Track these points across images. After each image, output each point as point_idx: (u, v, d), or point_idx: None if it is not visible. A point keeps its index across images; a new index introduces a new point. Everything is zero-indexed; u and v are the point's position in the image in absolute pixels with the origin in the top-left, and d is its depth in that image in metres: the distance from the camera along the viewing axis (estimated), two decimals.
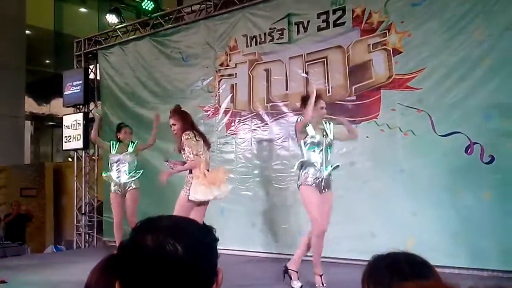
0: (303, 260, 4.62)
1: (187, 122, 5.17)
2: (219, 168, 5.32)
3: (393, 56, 5.57)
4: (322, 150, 4.43)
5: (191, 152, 4.96)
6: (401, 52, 5.54)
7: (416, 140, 5.37)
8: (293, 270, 4.52)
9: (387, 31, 5.64)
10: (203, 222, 1.03)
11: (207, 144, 5.24)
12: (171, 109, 5.35)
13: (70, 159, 11.92)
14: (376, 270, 1.23)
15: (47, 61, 15.81)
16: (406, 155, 5.44)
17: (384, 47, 5.65)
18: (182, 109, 5.36)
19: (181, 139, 5.02)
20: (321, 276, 4.47)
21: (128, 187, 6.28)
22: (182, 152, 5.07)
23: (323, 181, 4.42)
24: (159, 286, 0.90)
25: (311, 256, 4.53)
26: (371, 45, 5.74)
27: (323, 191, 4.42)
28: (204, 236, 0.98)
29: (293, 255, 6.14)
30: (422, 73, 5.38)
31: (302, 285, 4.47)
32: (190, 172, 5.05)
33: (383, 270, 1.21)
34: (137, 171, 6.37)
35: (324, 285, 4.43)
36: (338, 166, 4.54)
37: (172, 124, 5.21)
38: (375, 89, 5.65)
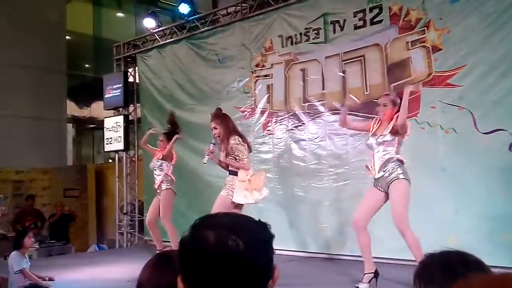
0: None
1: (229, 126, 5.24)
2: (260, 173, 5.35)
3: (432, 53, 5.49)
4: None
5: (244, 156, 5.11)
6: (440, 49, 5.45)
7: (458, 138, 5.28)
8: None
9: (425, 28, 5.56)
10: (259, 219, 1.06)
11: (250, 148, 5.36)
12: (212, 112, 5.40)
13: (110, 161, 12.21)
14: (427, 269, 1.24)
15: (87, 66, 16.22)
16: (447, 153, 5.35)
17: (423, 44, 5.57)
18: (223, 112, 5.41)
19: (227, 143, 5.09)
20: (365, 274, 4.44)
21: (163, 188, 6.38)
22: (229, 157, 5.15)
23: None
24: (221, 281, 0.93)
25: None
26: (409, 43, 5.67)
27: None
28: (263, 232, 1.02)
29: (332, 254, 6.18)
30: (462, 70, 5.28)
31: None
32: (233, 173, 5.14)
33: (435, 268, 1.21)
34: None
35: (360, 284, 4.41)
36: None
37: (214, 128, 5.25)
38: (414, 87, 5.57)
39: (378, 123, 4.52)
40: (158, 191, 6.42)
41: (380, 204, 4.43)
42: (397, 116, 4.33)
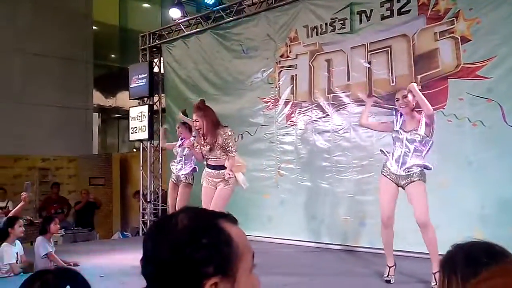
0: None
1: (213, 119, 5.13)
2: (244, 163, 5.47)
3: (461, 44, 5.37)
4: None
5: (234, 148, 5.10)
6: (469, 40, 5.32)
7: (486, 131, 5.16)
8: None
9: (454, 18, 5.44)
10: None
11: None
12: (195, 104, 5.37)
13: (135, 150, 12.36)
14: (452, 259, 1.22)
15: (113, 56, 16.41)
16: (474, 146, 5.25)
17: (452, 35, 5.45)
18: (206, 104, 5.30)
19: (214, 136, 5.05)
20: (390, 267, 4.42)
21: (181, 180, 6.38)
22: (217, 150, 5.11)
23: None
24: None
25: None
26: (437, 33, 5.56)
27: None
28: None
29: (353, 246, 6.14)
30: (492, 62, 5.15)
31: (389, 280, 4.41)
32: (221, 168, 5.13)
33: (460, 259, 1.19)
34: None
35: (389, 276, 4.38)
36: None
37: (195, 120, 5.13)
38: (442, 79, 5.47)
39: (401, 118, 4.43)
40: (175, 177, 6.45)
41: (397, 197, 4.41)
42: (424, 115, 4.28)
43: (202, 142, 5.18)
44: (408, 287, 4.27)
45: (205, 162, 5.37)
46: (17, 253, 5.34)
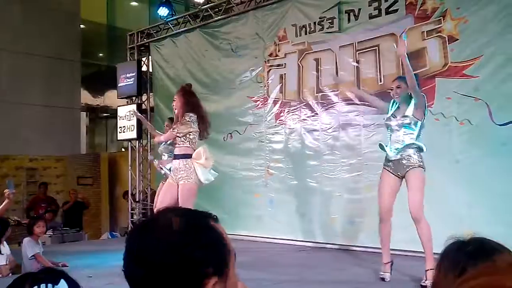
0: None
1: (188, 103, 4.87)
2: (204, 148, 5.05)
3: (448, 44, 5.40)
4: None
5: (179, 131, 4.80)
6: (457, 39, 5.36)
7: (473, 129, 5.21)
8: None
9: (442, 17, 5.47)
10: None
11: (201, 134, 5.01)
12: (181, 85, 5.27)
13: (123, 149, 12.29)
14: (450, 255, 1.22)
15: (101, 55, 16.30)
16: (462, 145, 5.29)
17: (439, 34, 5.48)
18: (190, 89, 5.10)
19: (181, 117, 4.81)
20: (385, 264, 4.42)
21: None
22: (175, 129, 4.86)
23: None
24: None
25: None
26: (425, 32, 5.59)
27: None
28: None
29: (342, 245, 6.16)
30: (479, 61, 5.19)
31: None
32: (184, 157, 4.82)
33: (458, 254, 1.19)
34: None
35: (384, 274, 4.40)
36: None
37: (173, 100, 5.01)
38: (430, 78, 5.51)
39: (395, 105, 4.46)
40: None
41: (397, 190, 4.39)
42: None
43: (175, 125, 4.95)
44: (399, 285, 4.29)
45: None
46: (5, 255, 5.28)
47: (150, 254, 0.92)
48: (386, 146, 4.41)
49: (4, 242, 5.37)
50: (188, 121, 4.80)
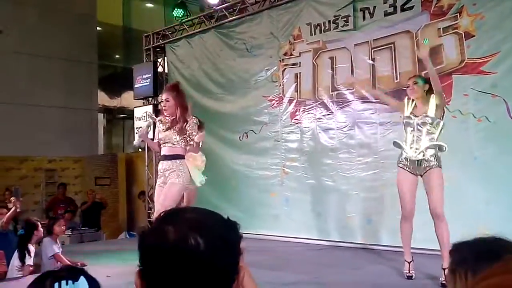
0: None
1: (186, 104, 4.77)
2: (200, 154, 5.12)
3: (465, 40, 5.35)
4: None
5: (194, 138, 4.70)
6: (473, 36, 5.31)
7: (490, 126, 5.15)
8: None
9: (458, 14, 5.42)
10: (228, 217, 0.99)
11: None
12: (168, 84, 5.17)
13: (140, 150, 12.39)
14: (463, 255, 1.21)
15: (117, 56, 16.45)
16: (479, 142, 5.24)
17: (456, 30, 5.43)
18: (180, 88, 4.97)
19: (183, 121, 4.65)
20: (409, 263, 4.39)
21: None
22: (177, 134, 4.67)
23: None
24: (179, 280, 0.89)
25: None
26: (441, 29, 5.54)
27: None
28: (228, 232, 0.96)
29: (359, 243, 6.14)
30: (496, 57, 5.14)
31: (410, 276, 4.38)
32: (176, 158, 4.69)
33: (470, 254, 1.19)
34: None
35: (411, 272, 4.37)
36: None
37: (166, 100, 4.71)
38: (446, 74, 5.46)
39: (412, 103, 4.41)
40: None
41: (416, 189, 4.37)
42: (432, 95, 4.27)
43: (163, 126, 4.76)
44: (417, 283, 4.26)
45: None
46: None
47: (210, 224, 0.94)
48: (405, 144, 4.36)
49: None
50: (196, 124, 4.73)
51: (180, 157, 4.70)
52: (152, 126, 5.21)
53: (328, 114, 6.68)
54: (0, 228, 5.31)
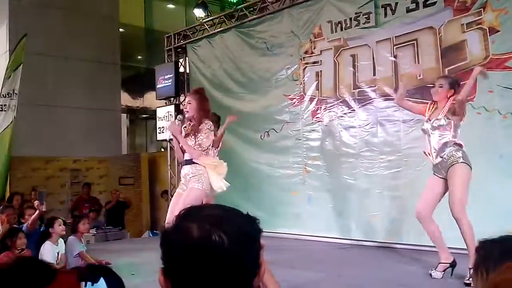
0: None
1: (207, 108, 4.69)
2: (221, 161, 4.94)
3: (489, 35, 5.26)
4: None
5: (206, 145, 4.58)
6: (498, 31, 5.21)
7: None
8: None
9: (482, 9, 5.33)
10: (247, 212, 1.00)
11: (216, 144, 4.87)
12: (193, 88, 5.07)
13: (163, 149, 12.50)
14: (487, 253, 1.20)
15: (139, 57, 16.62)
16: (505, 139, 5.14)
17: (480, 26, 5.34)
18: (204, 92, 4.89)
19: (199, 123, 4.57)
20: (439, 263, 4.33)
21: None
22: (193, 137, 4.58)
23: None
24: (203, 276, 0.89)
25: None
26: (465, 25, 5.45)
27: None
28: (250, 227, 0.96)
29: (382, 242, 6.08)
30: None
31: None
32: (196, 162, 4.59)
33: (495, 252, 1.17)
34: None
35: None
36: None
37: (188, 102, 4.65)
38: (471, 71, 5.35)
39: (433, 107, 4.40)
40: None
41: (442, 192, 4.30)
42: (453, 98, 4.23)
43: (184, 132, 4.66)
44: (442, 283, 4.20)
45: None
46: (58, 252, 5.44)
47: (232, 220, 0.95)
48: (428, 151, 4.37)
49: (61, 240, 5.52)
50: (209, 130, 4.60)
51: (191, 162, 4.61)
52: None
53: (349, 112, 6.63)
54: (26, 229, 5.40)
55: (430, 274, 4.28)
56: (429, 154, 4.35)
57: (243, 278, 0.92)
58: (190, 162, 4.63)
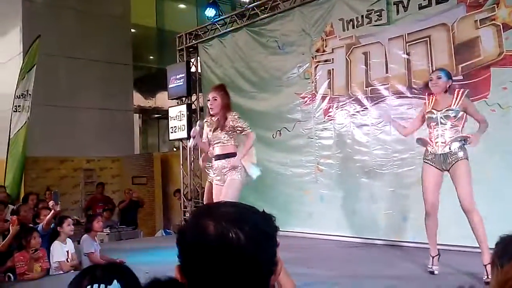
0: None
1: (228, 102, 4.90)
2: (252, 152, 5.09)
3: (503, 32, 5.19)
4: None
5: (246, 125, 4.82)
6: (511, 27, 5.15)
7: None
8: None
9: (495, 5, 5.26)
10: (263, 210, 1.00)
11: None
12: (214, 85, 5.24)
13: (175, 149, 12.56)
14: (507, 249, 1.19)
15: (151, 57, 16.71)
16: None
17: (493, 22, 5.27)
18: (226, 88, 5.12)
19: (225, 119, 4.78)
20: (433, 257, 4.36)
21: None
22: (221, 131, 4.81)
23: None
24: (220, 274, 0.89)
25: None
26: (478, 21, 5.39)
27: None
28: (266, 224, 0.96)
29: (395, 241, 6.05)
30: None
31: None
32: (229, 156, 4.81)
33: (505, 249, 1.16)
34: None
35: (433, 267, 4.34)
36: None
37: (214, 98, 4.83)
38: (484, 67, 5.31)
39: (433, 98, 4.35)
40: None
41: (441, 184, 4.31)
42: (463, 92, 4.23)
43: (209, 124, 4.91)
44: (454, 278, 4.17)
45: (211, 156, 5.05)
46: (67, 251, 5.50)
47: (249, 218, 0.95)
48: (430, 140, 4.30)
49: (69, 240, 5.59)
50: (239, 117, 4.82)
51: (233, 155, 4.81)
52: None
53: (362, 110, 6.60)
54: (42, 230, 5.46)
55: (432, 272, 4.29)
56: (431, 143, 4.28)
57: (260, 276, 0.92)
58: (222, 156, 4.84)
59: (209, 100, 4.89)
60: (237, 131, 4.84)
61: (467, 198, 4.04)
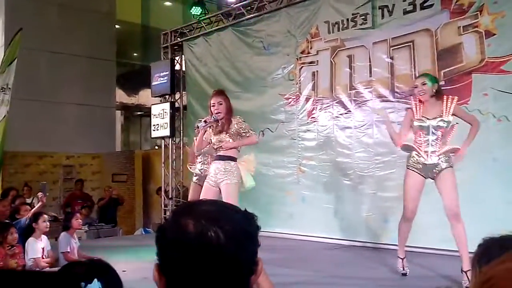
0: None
1: (232, 107, 4.81)
2: (251, 155, 5.03)
3: (485, 39, 5.27)
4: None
5: (251, 129, 4.76)
6: (494, 34, 5.23)
7: (510, 126, 5.06)
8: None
9: (478, 12, 5.34)
10: (245, 209, 0.99)
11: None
12: (216, 90, 5.14)
13: (157, 147, 12.47)
14: (487, 251, 1.19)
15: (135, 54, 16.58)
16: (499, 142, 5.15)
17: (476, 29, 5.35)
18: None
19: (229, 122, 4.68)
20: (402, 259, 4.42)
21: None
22: (226, 134, 4.69)
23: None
24: (199, 273, 0.88)
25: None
26: (461, 28, 5.47)
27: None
28: (248, 224, 0.95)
29: (377, 243, 6.09)
30: None
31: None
32: (229, 159, 4.69)
33: (495, 250, 1.17)
34: None
35: (405, 269, 4.39)
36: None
37: (219, 103, 4.70)
38: (466, 74, 5.39)
39: (419, 106, 4.31)
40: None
41: (422, 191, 4.33)
42: (452, 99, 4.22)
43: (214, 127, 4.81)
44: (432, 281, 4.21)
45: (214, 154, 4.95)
46: (43, 248, 5.41)
47: (229, 216, 0.94)
48: (419, 148, 4.26)
49: (44, 237, 5.51)
50: (244, 121, 4.76)
51: (233, 159, 4.71)
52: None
53: (345, 113, 6.63)
54: (27, 224, 5.37)
55: (405, 273, 4.36)
56: (421, 151, 4.23)
57: (240, 275, 0.91)
58: (223, 158, 4.71)
59: (213, 105, 4.73)
60: (242, 134, 4.73)
61: (453, 207, 4.07)
